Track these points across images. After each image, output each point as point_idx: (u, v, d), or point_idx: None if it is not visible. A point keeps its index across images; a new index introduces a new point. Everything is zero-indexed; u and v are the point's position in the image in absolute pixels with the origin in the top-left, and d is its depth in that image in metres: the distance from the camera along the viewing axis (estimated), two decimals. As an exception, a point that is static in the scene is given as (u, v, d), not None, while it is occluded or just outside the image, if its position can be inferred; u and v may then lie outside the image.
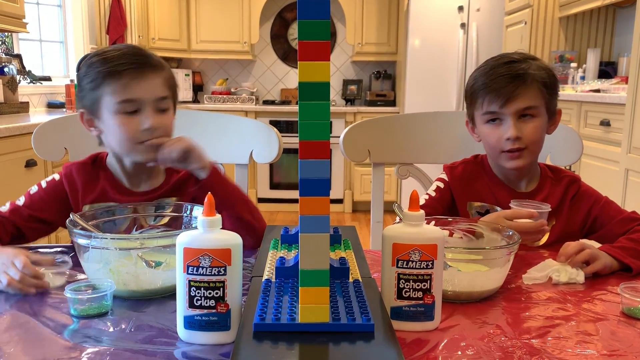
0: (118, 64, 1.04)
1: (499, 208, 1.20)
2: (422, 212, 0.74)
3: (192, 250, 0.67)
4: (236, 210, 1.10)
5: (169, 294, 0.83)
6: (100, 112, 1.07)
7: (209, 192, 0.70)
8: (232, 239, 0.69)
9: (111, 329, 0.73)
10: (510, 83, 1.13)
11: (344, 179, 4.80)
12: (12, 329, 0.73)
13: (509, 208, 1.12)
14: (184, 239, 0.68)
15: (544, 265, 0.98)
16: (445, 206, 1.26)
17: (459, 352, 0.68)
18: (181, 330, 0.70)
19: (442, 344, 0.70)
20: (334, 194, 4.83)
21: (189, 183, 1.16)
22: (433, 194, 1.27)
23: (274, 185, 4.79)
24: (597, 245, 1.04)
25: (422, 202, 1.27)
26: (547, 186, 1.22)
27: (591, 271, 0.97)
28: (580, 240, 1.02)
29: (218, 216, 0.69)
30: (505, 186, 1.23)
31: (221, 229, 0.70)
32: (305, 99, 0.58)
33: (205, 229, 0.68)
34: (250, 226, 1.10)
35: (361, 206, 4.86)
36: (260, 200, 4.81)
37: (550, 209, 1.09)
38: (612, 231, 1.14)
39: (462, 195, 1.25)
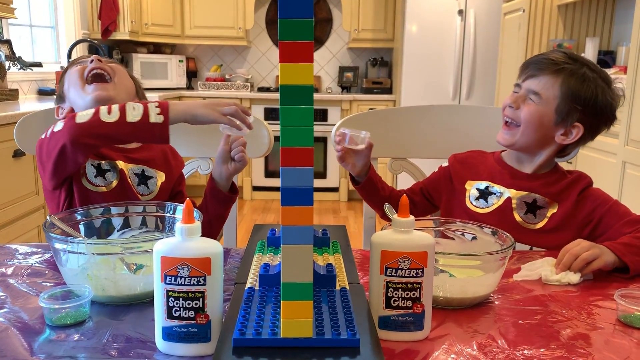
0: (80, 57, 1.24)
1: (497, 187, 1.21)
2: (411, 218, 0.71)
3: (169, 260, 0.64)
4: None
5: (149, 299, 0.80)
6: (67, 91, 1.21)
7: (188, 199, 0.66)
8: (212, 248, 0.65)
9: (87, 341, 0.70)
10: (541, 64, 1.16)
11: (339, 168, 4.77)
12: (-17, 338, 0.70)
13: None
14: (161, 247, 0.65)
15: (536, 264, 0.96)
16: (431, 186, 1.31)
17: (449, 366, 0.65)
18: (159, 342, 0.67)
19: (432, 356, 0.68)
20: (330, 182, 4.80)
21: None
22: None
23: (269, 174, 4.75)
24: None
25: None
26: (553, 176, 1.21)
27: (590, 271, 0.94)
28: (577, 240, 0.99)
29: (197, 223, 0.66)
30: (508, 167, 1.24)
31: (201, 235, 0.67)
32: (287, 103, 0.55)
33: (183, 237, 0.65)
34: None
35: (357, 194, 4.83)
36: (255, 188, 4.77)
37: (368, 135, 1.13)
38: (619, 231, 1.10)
39: (460, 176, 1.27)
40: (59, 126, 1.01)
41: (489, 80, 4.32)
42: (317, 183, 4.78)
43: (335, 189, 4.83)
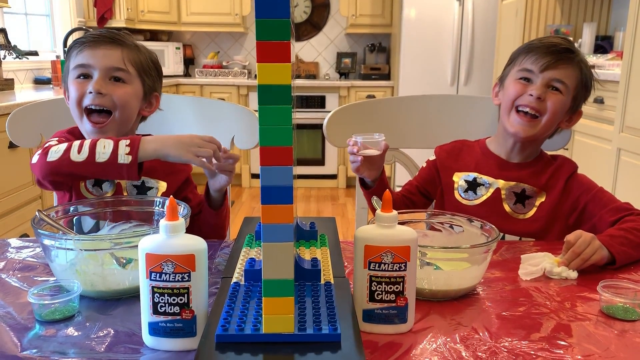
0: (85, 35, 1.15)
1: (485, 178, 1.21)
2: (394, 213, 0.71)
3: (154, 256, 0.65)
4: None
5: (137, 294, 0.81)
6: (68, 84, 1.15)
7: (171, 197, 0.67)
8: (196, 245, 0.66)
9: (75, 334, 0.71)
10: (556, 53, 1.14)
11: (338, 155, 4.77)
12: (-27, 334, 0.71)
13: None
14: (146, 244, 0.66)
15: (537, 258, 0.96)
16: (424, 183, 1.30)
17: (428, 359, 0.66)
18: (146, 337, 0.68)
19: (415, 349, 0.69)
20: (328, 169, 4.81)
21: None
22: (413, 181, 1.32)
23: (267, 161, 4.75)
24: None
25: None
26: (540, 164, 1.21)
27: (587, 265, 0.94)
28: (578, 231, 0.97)
29: (181, 220, 0.66)
30: (495, 156, 1.24)
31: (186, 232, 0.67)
32: (266, 103, 0.55)
33: (168, 234, 0.65)
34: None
35: (355, 181, 4.84)
36: (254, 176, 4.78)
37: (383, 138, 1.11)
38: (603, 219, 1.11)
39: (447, 168, 1.26)
40: (34, 158, 1.03)
41: (486, 66, 4.30)
42: (316, 170, 4.79)
43: (333, 176, 4.84)
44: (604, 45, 3.31)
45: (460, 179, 1.24)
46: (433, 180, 1.29)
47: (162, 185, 1.19)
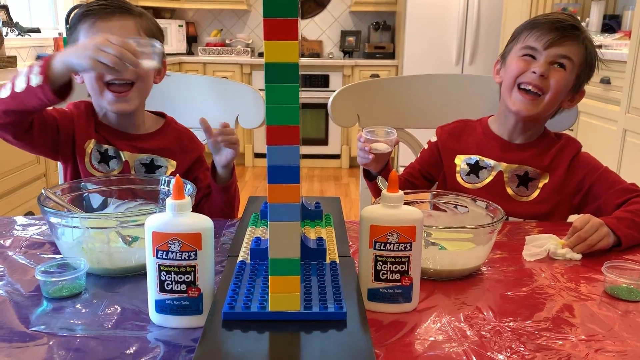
0: (91, 7, 1.10)
1: (487, 160, 1.19)
2: (400, 193, 0.71)
3: (161, 235, 0.65)
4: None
5: (144, 271, 0.81)
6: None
7: (177, 175, 0.67)
8: (203, 223, 0.66)
9: (83, 311, 0.72)
10: (561, 29, 1.12)
11: (341, 135, 4.75)
12: (-18, 310, 0.71)
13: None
14: (152, 222, 0.66)
15: (542, 240, 0.96)
16: (427, 166, 1.28)
17: (433, 338, 0.67)
18: (153, 314, 0.68)
19: (419, 328, 0.69)
20: (332, 149, 4.80)
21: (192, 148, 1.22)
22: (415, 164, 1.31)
23: (270, 140, 4.74)
24: None
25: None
26: (543, 144, 1.20)
27: (593, 251, 0.94)
28: (586, 216, 0.97)
29: (187, 199, 0.66)
30: (497, 137, 1.22)
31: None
32: (273, 81, 0.55)
33: (174, 213, 0.66)
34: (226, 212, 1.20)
35: (359, 172, 4.83)
36: (257, 155, 4.77)
37: (395, 135, 1.08)
38: (609, 200, 1.11)
39: (449, 150, 1.25)
40: None
41: (492, 44, 4.26)
42: (319, 150, 4.78)
43: (337, 156, 4.83)
44: (611, 24, 3.27)
45: (462, 162, 1.23)
46: (435, 162, 1.28)
47: (172, 164, 1.18)
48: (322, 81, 4.61)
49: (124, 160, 1.14)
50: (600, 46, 2.83)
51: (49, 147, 1.12)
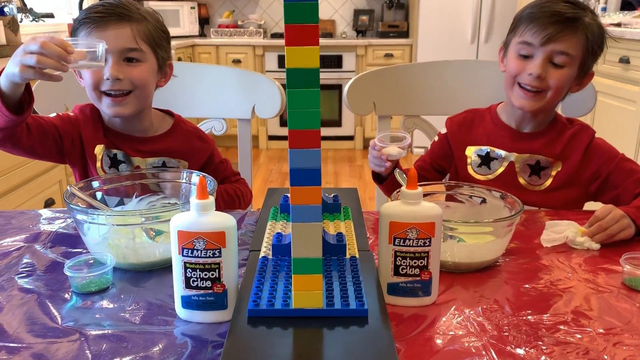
0: (89, 13, 1.08)
1: (498, 150, 1.19)
2: (419, 190, 0.72)
3: (186, 234, 0.67)
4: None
5: (168, 265, 0.83)
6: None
7: (201, 175, 0.69)
8: (226, 222, 0.68)
9: (110, 306, 0.74)
10: (559, 23, 1.09)
11: (354, 116, 4.74)
12: (15, 308, 0.74)
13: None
14: (177, 222, 0.67)
15: (561, 226, 0.96)
16: (437, 159, 1.28)
17: (452, 332, 0.68)
18: (179, 309, 0.71)
19: (439, 321, 0.71)
20: (345, 130, 4.79)
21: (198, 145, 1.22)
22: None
23: (284, 123, 4.75)
24: None
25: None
26: (554, 131, 1.19)
27: (616, 240, 0.94)
28: (609, 206, 0.96)
29: (211, 199, 0.68)
30: (507, 127, 1.21)
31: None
32: (294, 87, 0.55)
33: (198, 212, 0.67)
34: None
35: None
36: (271, 137, 4.78)
37: (409, 141, 1.06)
38: (628, 190, 1.10)
39: (459, 141, 1.25)
40: None
41: (508, 21, 4.15)
42: (333, 131, 4.77)
43: (350, 137, 4.82)
44: (631, 1, 3.20)
45: (473, 153, 1.22)
46: (446, 154, 1.27)
47: (184, 164, 1.19)
48: (335, 61, 4.58)
49: (134, 165, 1.15)
50: (619, 24, 2.78)
51: (53, 154, 1.14)
